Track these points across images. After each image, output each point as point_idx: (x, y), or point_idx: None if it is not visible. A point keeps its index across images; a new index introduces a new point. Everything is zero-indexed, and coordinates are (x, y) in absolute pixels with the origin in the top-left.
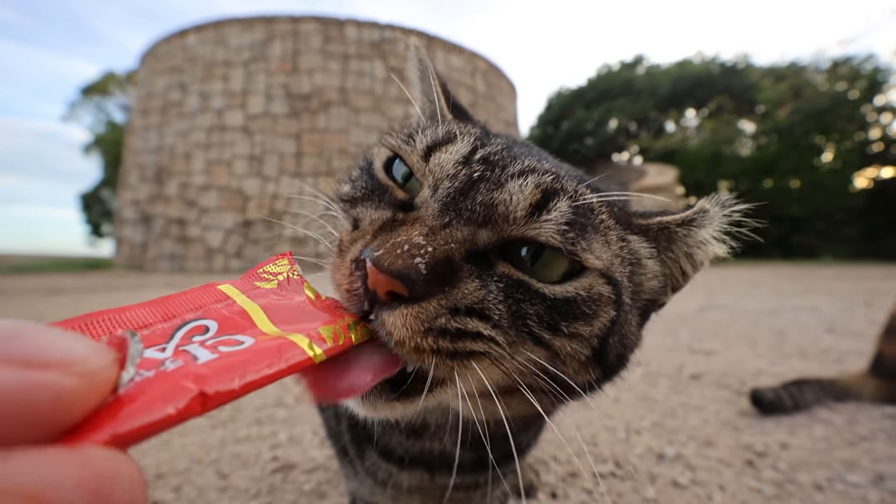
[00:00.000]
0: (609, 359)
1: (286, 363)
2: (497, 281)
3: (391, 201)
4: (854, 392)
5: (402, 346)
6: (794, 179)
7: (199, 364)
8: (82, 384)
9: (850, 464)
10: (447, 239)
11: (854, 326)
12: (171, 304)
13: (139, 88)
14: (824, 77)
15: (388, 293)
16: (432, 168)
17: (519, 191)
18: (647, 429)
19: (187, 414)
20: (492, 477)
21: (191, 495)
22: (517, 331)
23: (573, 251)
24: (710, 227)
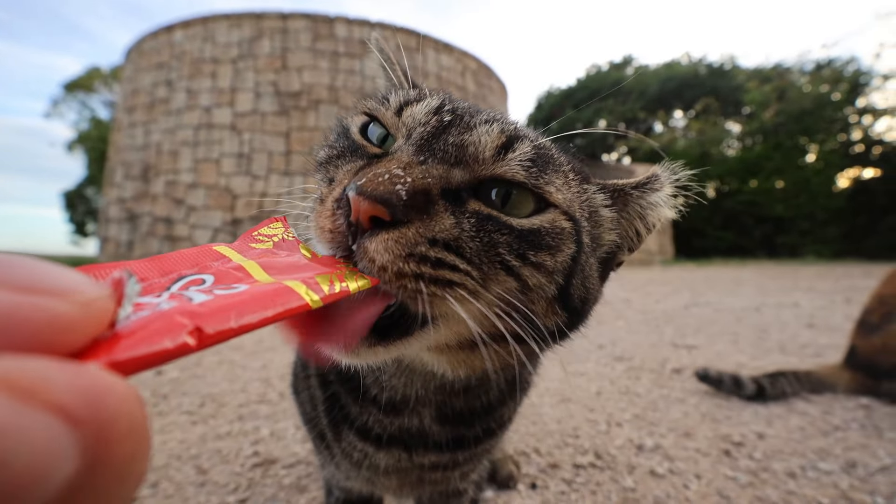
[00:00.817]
0: (573, 301)
1: (283, 307)
2: (469, 217)
3: (365, 154)
4: (829, 383)
5: (384, 271)
6: (778, 180)
7: (195, 304)
8: (78, 312)
9: (824, 452)
10: (424, 173)
11: (833, 322)
12: (167, 261)
13: (124, 85)
14: (808, 79)
15: (370, 219)
16: (405, 120)
17: (486, 133)
18: (627, 421)
19: (184, 349)
20: (470, 454)
21: (168, 491)
22: (490, 264)
23: (536, 184)
24: (661, 191)
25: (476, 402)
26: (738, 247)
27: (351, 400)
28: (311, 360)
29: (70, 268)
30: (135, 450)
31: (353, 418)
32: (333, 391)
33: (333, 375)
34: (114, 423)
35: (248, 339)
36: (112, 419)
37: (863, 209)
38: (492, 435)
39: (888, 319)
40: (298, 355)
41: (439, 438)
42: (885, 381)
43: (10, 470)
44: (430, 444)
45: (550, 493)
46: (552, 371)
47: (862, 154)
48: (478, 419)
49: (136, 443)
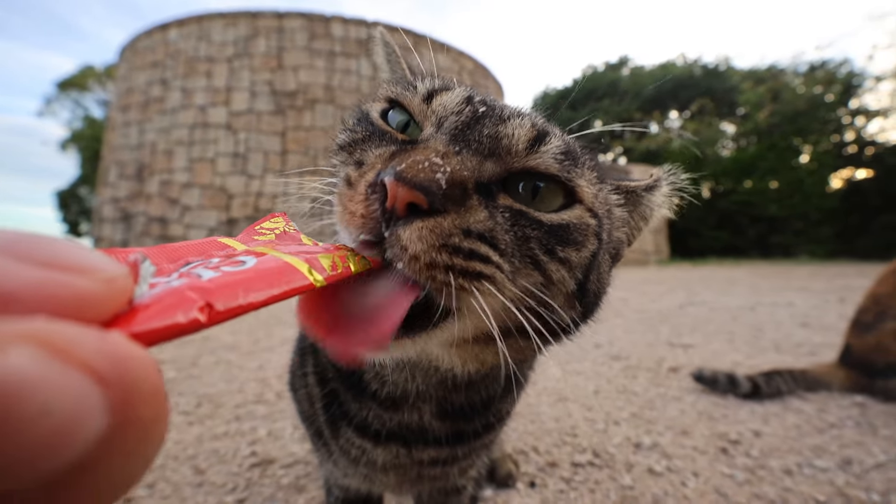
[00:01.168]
0: (589, 296)
1: (288, 285)
2: (503, 212)
3: (395, 140)
4: (825, 382)
5: (415, 260)
6: (772, 180)
7: (204, 280)
8: (102, 289)
9: (819, 449)
10: (461, 164)
11: (827, 321)
12: (174, 249)
13: (119, 83)
14: (802, 80)
15: (407, 206)
16: (435, 108)
17: (520, 126)
18: (625, 420)
19: (195, 324)
20: (469, 449)
21: (165, 492)
22: (520, 258)
23: (569, 178)
24: (663, 193)
25: (476, 397)
26: (732, 247)
27: (350, 396)
28: (343, 361)
29: (91, 248)
30: (156, 413)
31: (352, 415)
32: (332, 388)
33: (332, 372)
34: (137, 386)
35: (244, 339)
36: (136, 382)
37: (856, 209)
38: (491, 429)
39: (882, 318)
40: (297, 351)
41: (439, 434)
42: (879, 380)
43: (49, 420)
44: (430, 440)
45: (549, 491)
46: (550, 370)
47: (855, 155)
48: (477, 414)
49: (157, 406)
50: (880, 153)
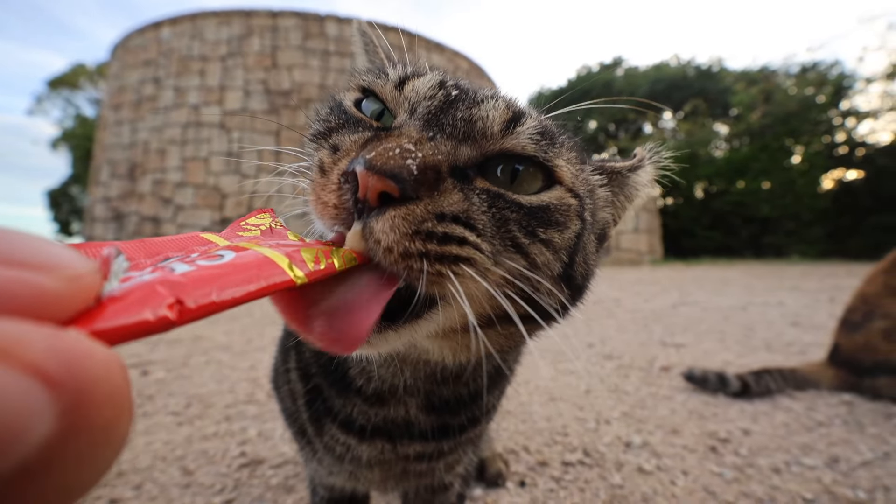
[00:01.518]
0: (576, 278)
1: (266, 281)
2: (479, 194)
3: (369, 127)
4: (813, 380)
5: (389, 253)
6: (765, 181)
7: (177, 275)
8: (64, 287)
9: (807, 448)
10: (434, 149)
11: (817, 320)
12: (154, 244)
13: (110, 82)
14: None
15: (378, 195)
16: (408, 94)
17: (494, 108)
18: (616, 419)
19: (164, 322)
20: (455, 444)
21: (152, 493)
22: (500, 239)
23: (547, 158)
24: (646, 171)
25: (464, 390)
26: (725, 247)
27: (334, 392)
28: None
29: (58, 242)
30: (115, 415)
31: (336, 411)
32: (315, 384)
33: (315, 368)
34: (93, 388)
35: (237, 338)
36: (91, 383)
37: (846, 210)
38: (476, 423)
39: (870, 318)
40: (280, 348)
41: (424, 427)
42: (866, 378)
43: None
44: (416, 434)
45: (539, 490)
46: (542, 370)
47: (846, 156)
48: (464, 407)
49: (116, 408)
50: (871, 154)
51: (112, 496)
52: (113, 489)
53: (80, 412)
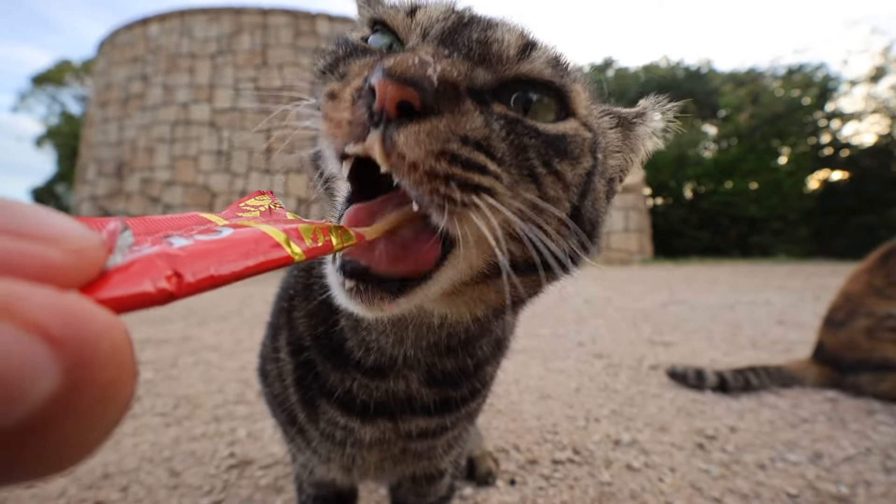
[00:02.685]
0: (585, 223)
1: (264, 257)
2: (498, 119)
3: (380, 53)
4: (798, 378)
5: (414, 170)
6: (752, 181)
7: (175, 248)
8: (69, 259)
9: (792, 444)
10: (452, 66)
11: (803, 319)
12: (153, 222)
13: (97, 79)
14: (780, 84)
15: (398, 105)
16: (420, 20)
17: (509, 32)
18: (605, 417)
19: (164, 294)
20: (456, 418)
21: (139, 495)
22: (517, 168)
23: (563, 84)
24: (649, 123)
25: (466, 359)
26: (713, 246)
27: (330, 366)
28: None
29: (63, 214)
30: (118, 374)
31: (333, 388)
32: (308, 357)
33: (309, 340)
34: (95, 347)
35: (226, 339)
36: (93, 342)
37: (831, 210)
38: (476, 395)
39: (853, 316)
40: (268, 334)
41: (427, 402)
42: (849, 375)
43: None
44: (417, 409)
45: (529, 488)
46: (533, 369)
47: (830, 157)
48: (465, 379)
49: (119, 367)
50: (855, 156)
51: (98, 498)
52: (98, 491)
53: (83, 369)
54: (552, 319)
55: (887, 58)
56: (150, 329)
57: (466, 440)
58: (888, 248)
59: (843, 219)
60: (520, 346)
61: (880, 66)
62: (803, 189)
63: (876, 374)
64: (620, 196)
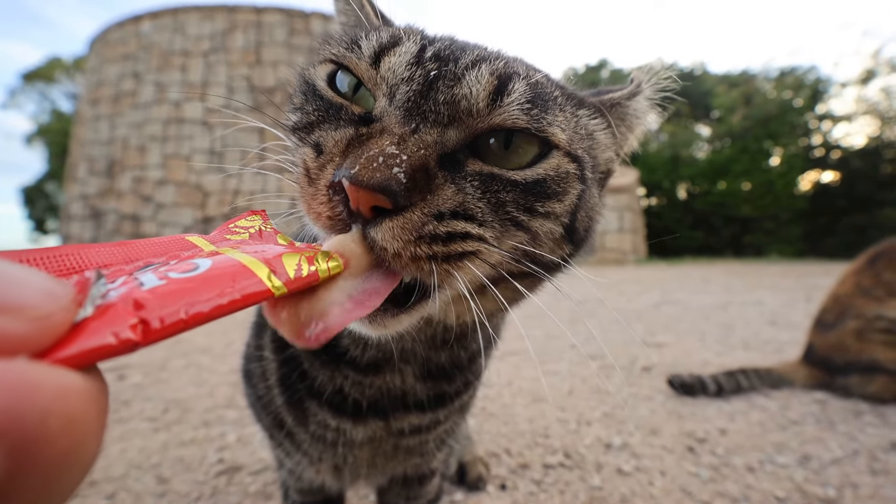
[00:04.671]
0: (579, 233)
1: (240, 293)
2: (472, 180)
3: (349, 118)
4: (788, 379)
5: (399, 258)
6: (745, 182)
7: (144, 290)
8: (32, 328)
9: (781, 446)
10: (419, 145)
11: (794, 319)
12: (134, 247)
13: (88, 76)
14: (772, 86)
15: (371, 209)
16: (384, 74)
17: (476, 82)
18: (597, 420)
19: (128, 345)
20: (449, 412)
21: (126, 502)
22: (500, 221)
23: (540, 128)
24: (645, 96)
25: (461, 352)
26: (707, 246)
27: (318, 364)
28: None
29: (30, 269)
30: (73, 443)
31: (322, 388)
32: (292, 354)
33: None
34: (43, 422)
35: (217, 341)
36: (41, 417)
37: (823, 211)
38: (469, 387)
39: (842, 318)
40: (253, 334)
41: (421, 396)
42: (839, 377)
43: None
44: (411, 405)
45: (520, 493)
46: (526, 371)
47: (822, 158)
48: (459, 371)
49: (74, 436)
50: (845, 157)
51: None
52: (84, 499)
53: (28, 450)
54: (546, 320)
55: (877, 60)
56: None
57: (457, 438)
58: (876, 250)
59: (834, 219)
60: (513, 347)
61: (870, 68)
62: (795, 190)
63: (864, 376)
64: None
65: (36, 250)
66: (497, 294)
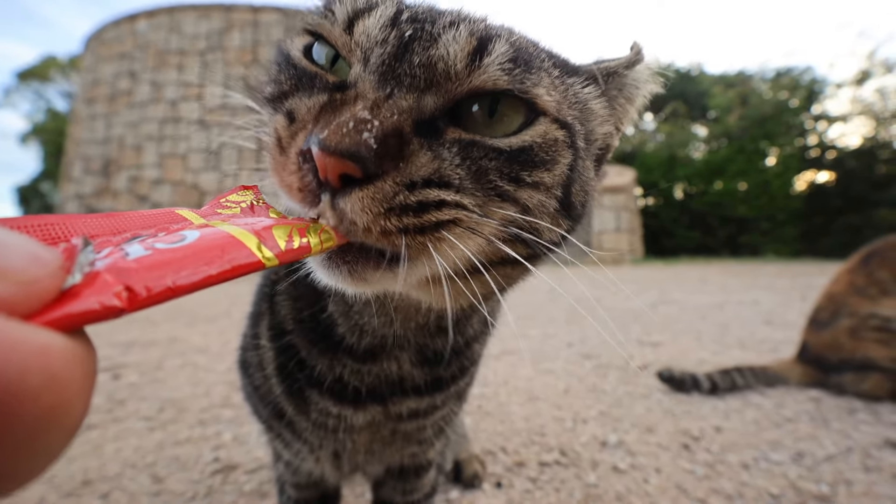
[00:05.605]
0: (574, 208)
1: (230, 264)
2: (450, 147)
3: (324, 86)
4: (783, 377)
5: (369, 232)
6: (741, 182)
7: (130, 260)
8: (19, 292)
9: (775, 443)
10: (392, 110)
11: (789, 318)
12: (122, 219)
13: (84, 75)
14: (768, 86)
15: (339, 177)
16: (358, 39)
17: (454, 41)
18: (593, 418)
19: (112, 310)
20: (445, 397)
21: (120, 502)
22: (484, 190)
23: (523, 89)
24: (646, 66)
25: (457, 338)
26: (703, 246)
27: (316, 352)
28: None
29: (21, 236)
30: (55, 403)
31: (323, 376)
32: (289, 342)
33: (292, 324)
34: (23, 376)
35: (213, 341)
36: (20, 372)
37: (818, 211)
38: (465, 373)
39: (837, 316)
40: (250, 323)
41: (418, 382)
42: (833, 375)
43: None
44: (409, 390)
45: (516, 491)
46: (522, 370)
47: (817, 158)
48: (455, 357)
49: (56, 395)
50: (841, 157)
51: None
52: (79, 499)
53: (8, 404)
54: (543, 319)
55: (872, 61)
56: (136, 331)
57: (454, 428)
58: (869, 249)
59: (830, 219)
60: (510, 347)
61: (865, 69)
62: (791, 190)
63: (858, 374)
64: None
65: (21, 218)
66: (493, 275)
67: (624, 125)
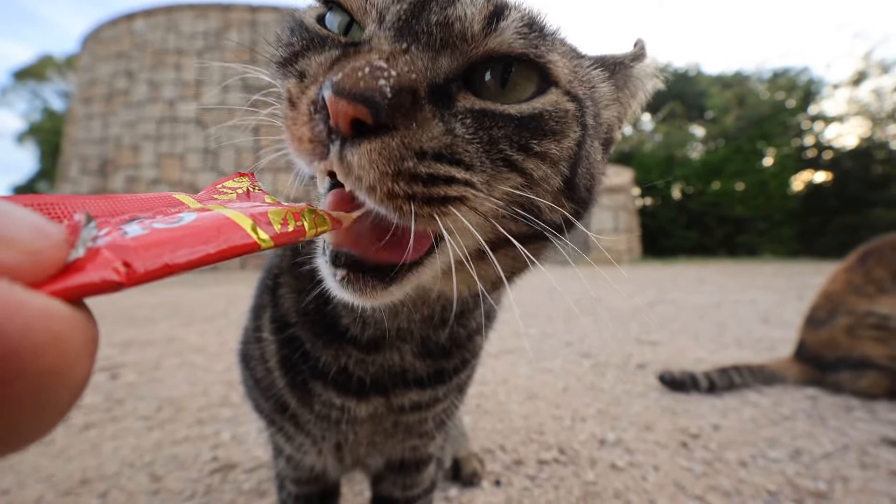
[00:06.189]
0: (579, 191)
1: (226, 244)
2: (462, 118)
3: (335, 44)
4: (780, 376)
5: (373, 192)
6: (739, 182)
7: (128, 238)
8: (25, 261)
9: (773, 441)
10: (409, 66)
11: (786, 317)
12: (120, 202)
13: (81, 74)
14: (766, 86)
15: (351, 122)
16: (374, 0)
17: (471, 3)
18: (592, 416)
19: (110, 285)
20: (447, 389)
21: (119, 501)
22: (492, 162)
23: (538, 53)
24: (650, 61)
25: (459, 330)
26: (701, 246)
27: (321, 344)
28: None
29: (27, 210)
30: (58, 362)
31: (327, 368)
32: (292, 334)
33: (295, 317)
34: (25, 334)
35: (211, 340)
36: (23, 330)
37: (815, 211)
38: (467, 365)
39: (834, 315)
40: (251, 317)
41: (420, 373)
42: (830, 373)
43: None
44: (411, 382)
45: (514, 489)
46: (521, 369)
47: (814, 159)
48: (457, 349)
49: (59, 355)
50: (837, 157)
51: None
52: (77, 497)
53: (12, 361)
54: (542, 318)
55: (869, 62)
56: (134, 330)
57: (454, 421)
58: (866, 247)
59: (827, 219)
60: (509, 346)
61: (862, 70)
62: (788, 190)
63: (855, 372)
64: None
65: (21, 197)
66: (494, 260)
67: (626, 118)
